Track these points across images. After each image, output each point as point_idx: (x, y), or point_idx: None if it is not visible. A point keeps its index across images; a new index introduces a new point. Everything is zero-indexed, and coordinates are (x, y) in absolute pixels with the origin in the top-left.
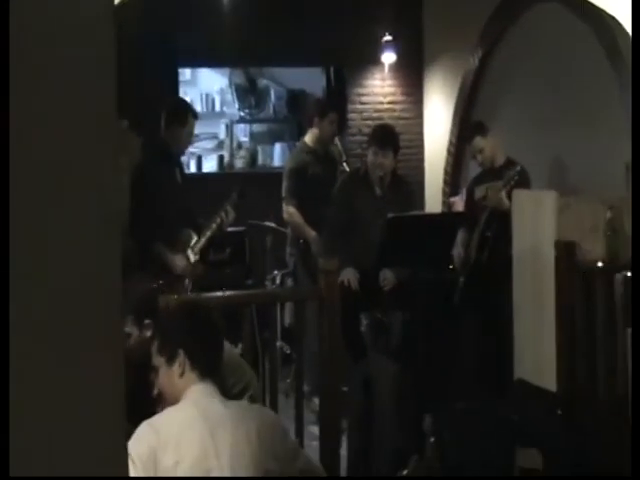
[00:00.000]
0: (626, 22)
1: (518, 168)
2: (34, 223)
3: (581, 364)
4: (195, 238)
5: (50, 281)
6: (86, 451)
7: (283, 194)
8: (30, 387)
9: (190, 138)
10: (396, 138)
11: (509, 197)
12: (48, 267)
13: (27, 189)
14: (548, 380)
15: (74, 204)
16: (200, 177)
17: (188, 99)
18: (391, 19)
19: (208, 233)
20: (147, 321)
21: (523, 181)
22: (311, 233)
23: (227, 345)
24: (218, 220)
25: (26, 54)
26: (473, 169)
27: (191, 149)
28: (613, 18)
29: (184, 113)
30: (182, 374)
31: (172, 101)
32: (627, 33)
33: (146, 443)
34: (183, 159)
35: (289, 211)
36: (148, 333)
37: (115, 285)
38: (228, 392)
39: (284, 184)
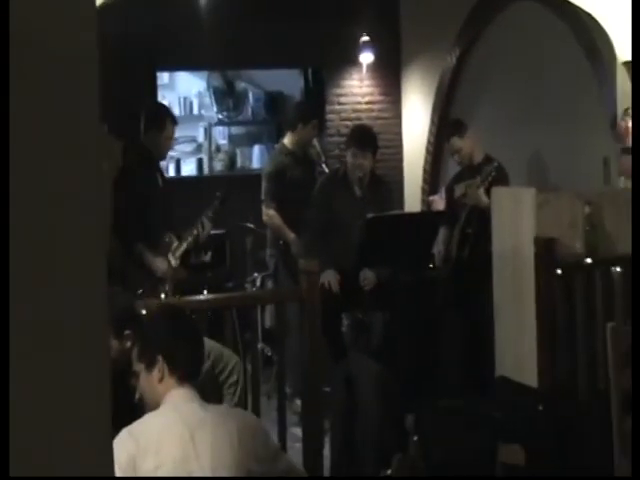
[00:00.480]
0: (603, 20)
1: (495, 164)
2: (17, 229)
3: (562, 360)
4: (176, 242)
5: (35, 287)
6: (72, 455)
7: (262, 196)
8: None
9: (169, 143)
10: (375, 139)
11: (488, 194)
12: (32, 274)
13: (10, 193)
14: (529, 376)
15: (58, 209)
16: (179, 181)
17: (166, 103)
18: (369, 20)
19: (187, 240)
20: (127, 332)
21: (501, 178)
22: (291, 235)
23: (206, 340)
24: (194, 232)
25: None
26: (452, 167)
27: (170, 152)
28: (590, 17)
29: (162, 118)
30: (161, 379)
31: (150, 106)
32: (605, 32)
33: (125, 451)
34: (162, 163)
35: (269, 213)
36: (128, 344)
37: (100, 291)
38: (216, 379)
39: (263, 186)
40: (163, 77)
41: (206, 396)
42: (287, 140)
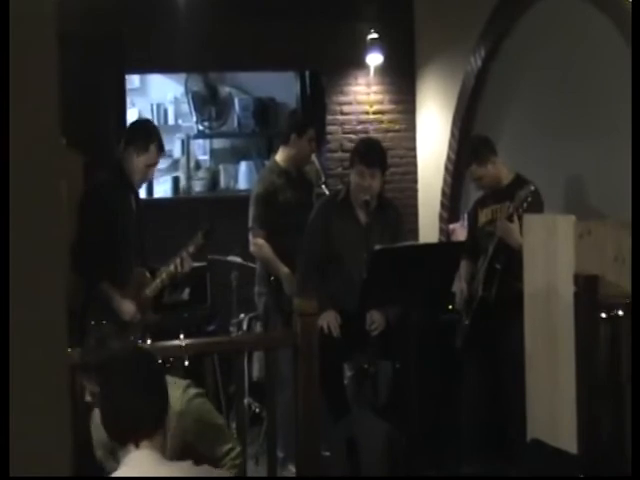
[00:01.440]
0: None
1: (532, 188)
2: None
3: (606, 420)
4: (147, 280)
5: None
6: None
7: (250, 223)
8: None
9: (149, 171)
10: (384, 155)
11: (520, 225)
12: None
13: None
14: (567, 440)
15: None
16: (151, 203)
17: (136, 110)
18: (377, 14)
19: (162, 277)
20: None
21: (536, 204)
22: (283, 269)
23: (209, 408)
24: (171, 268)
25: None
26: (475, 190)
27: None
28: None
29: (145, 140)
30: (115, 441)
31: (136, 121)
32: None
33: None
34: None
35: (257, 243)
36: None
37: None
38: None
39: (251, 211)
40: (133, 80)
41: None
42: (279, 156)
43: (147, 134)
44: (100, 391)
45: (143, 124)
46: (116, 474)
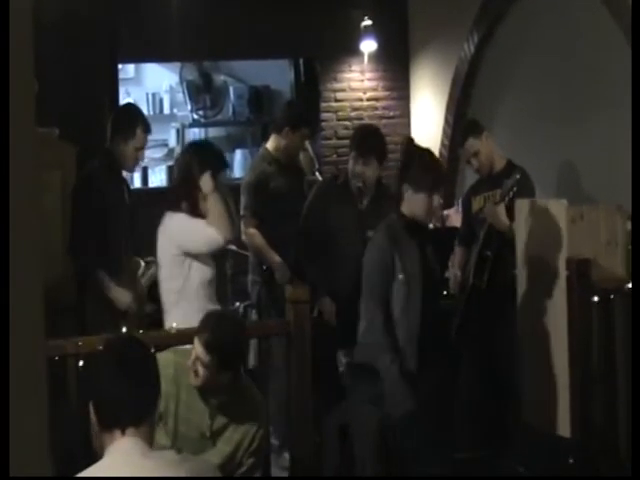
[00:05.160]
0: None
1: (517, 176)
2: None
3: (599, 404)
4: (142, 268)
5: None
6: None
7: (242, 212)
8: None
9: (139, 154)
10: (380, 143)
11: (510, 212)
12: None
13: None
14: (560, 424)
15: None
16: (146, 193)
17: (131, 100)
18: (370, 1)
19: (153, 268)
20: None
21: (526, 189)
22: (275, 258)
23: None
24: None
25: None
26: (470, 176)
27: None
28: None
29: (132, 124)
30: (102, 429)
31: (119, 107)
32: None
33: None
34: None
35: (249, 232)
36: None
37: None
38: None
39: (242, 200)
40: (127, 70)
41: None
42: (271, 144)
43: (131, 119)
44: (89, 378)
45: (125, 110)
46: (98, 464)
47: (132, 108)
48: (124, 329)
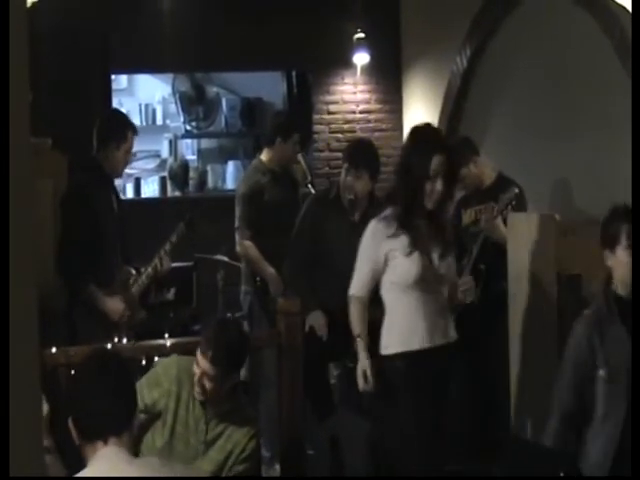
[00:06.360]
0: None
1: (516, 190)
2: None
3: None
4: (133, 278)
5: None
6: None
7: (236, 223)
8: None
9: (128, 157)
10: (373, 156)
11: (505, 223)
12: None
13: None
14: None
15: None
16: (138, 203)
17: (124, 111)
18: (363, 13)
19: (148, 273)
20: None
21: (519, 204)
22: (269, 270)
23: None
24: (150, 269)
25: None
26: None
27: (128, 170)
28: (623, 8)
29: (121, 128)
30: (83, 441)
31: (105, 115)
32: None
33: None
34: (119, 182)
35: (243, 243)
36: None
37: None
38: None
39: (237, 211)
40: (120, 80)
41: None
42: (265, 156)
43: (122, 124)
44: (69, 391)
45: (113, 116)
46: (82, 473)
47: (119, 113)
48: (116, 339)
